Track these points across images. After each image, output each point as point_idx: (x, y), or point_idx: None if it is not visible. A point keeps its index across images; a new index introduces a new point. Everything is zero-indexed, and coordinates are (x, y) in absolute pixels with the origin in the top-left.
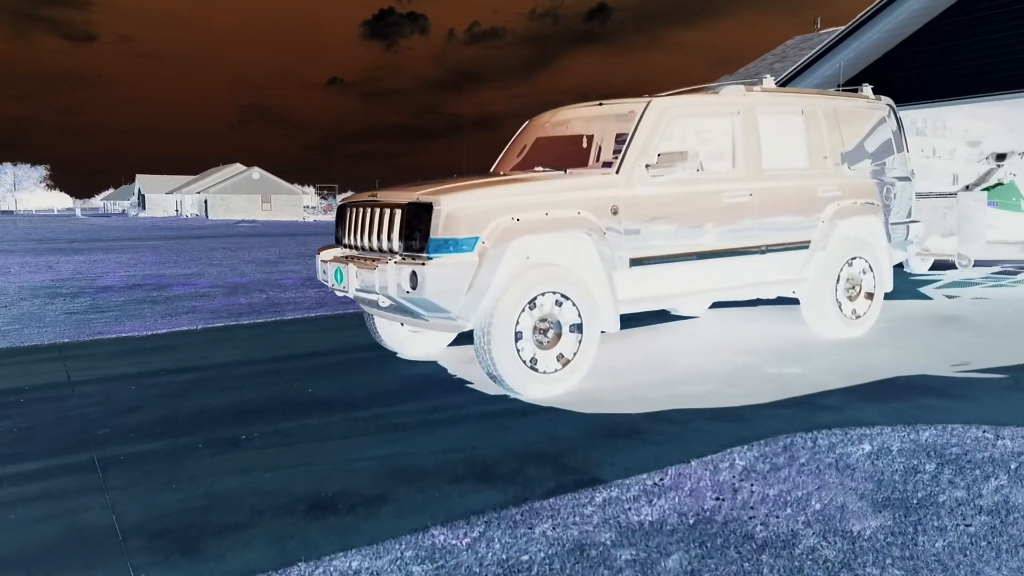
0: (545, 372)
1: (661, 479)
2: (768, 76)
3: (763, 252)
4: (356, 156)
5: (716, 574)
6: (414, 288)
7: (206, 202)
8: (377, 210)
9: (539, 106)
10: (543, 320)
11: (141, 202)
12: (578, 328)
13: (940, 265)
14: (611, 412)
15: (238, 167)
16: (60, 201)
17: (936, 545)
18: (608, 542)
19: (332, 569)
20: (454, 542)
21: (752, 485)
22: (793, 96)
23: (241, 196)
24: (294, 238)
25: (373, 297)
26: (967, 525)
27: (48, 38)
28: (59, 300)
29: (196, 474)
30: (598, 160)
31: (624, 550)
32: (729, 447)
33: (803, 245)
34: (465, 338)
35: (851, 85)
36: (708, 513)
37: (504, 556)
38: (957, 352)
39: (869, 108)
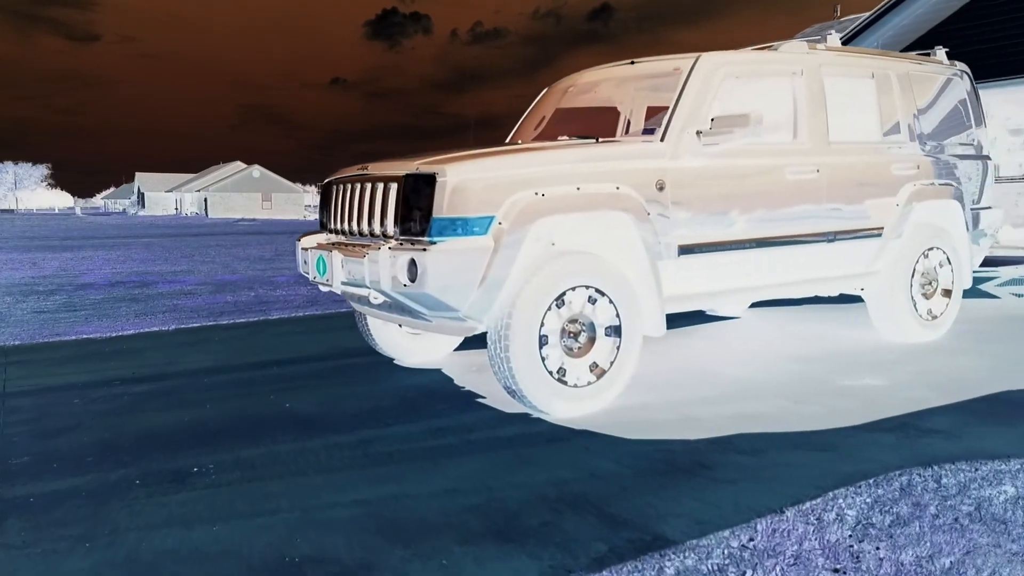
0: (575, 386)
1: (751, 539)
2: (833, 32)
3: (831, 240)
4: (357, 156)
5: None
6: (413, 280)
7: (206, 200)
8: (368, 185)
9: None
10: (573, 321)
11: (140, 200)
12: (615, 331)
13: (989, 261)
14: (663, 438)
15: (238, 165)
16: (61, 200)
17: None
18: None
19: None
20: None
21: (877, 548)
22: (863, 56)
23: (241, 194)
24: (292, 236)
25: (363, 292)
26: None
27: (50, 38)
28: (32, 298)
29: (121, 526)
30: (628, 135)
31: None
32: (829, 489)
33: (875, 233)
34: (474, 341)
35: None
36: None
37: None
38: None
39: (943, 75)
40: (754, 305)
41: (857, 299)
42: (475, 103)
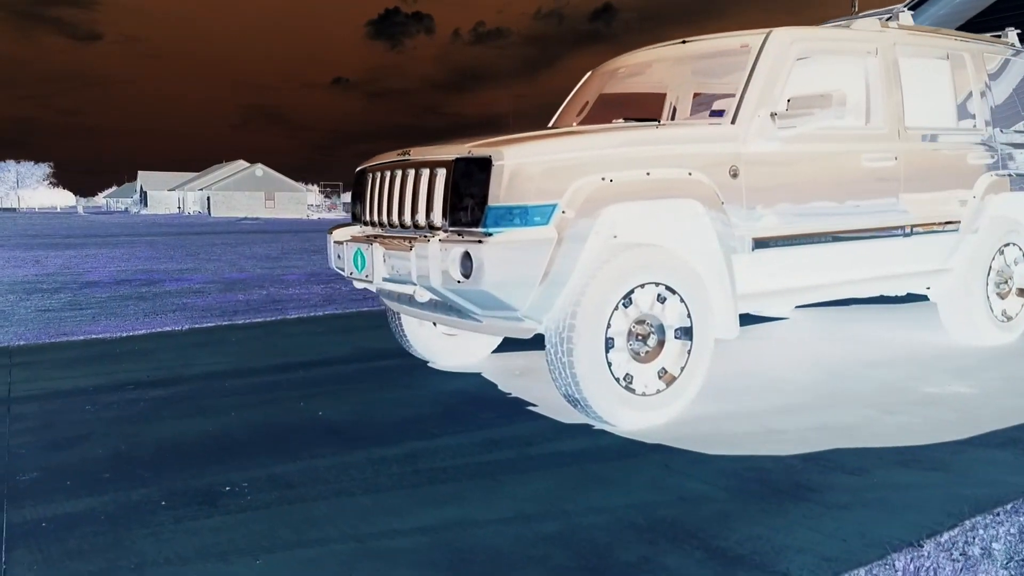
0: (644, 394)
1: None
2: (904, 9)
3: (907, 234)
4: (359, 156)
5: None
6: (467, 276)
7: (209, 199)
8: (411, 172)
9: (541, 107)
10: (640, 323)
11: (143, 199)
12: (686, 333)
13: None
14: (749, 453)
15: (241, 164)
16: (63, 199)
17: None
18: None
19: None
20: None
21: None
22: (937, 36)
23: (244, 193)
24: (297, 234)
25: (407, 290)
26: None
27: (53, 37)
28: (36, 296)
29: (147, 559)
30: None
31: None
32: (963, 517)
33: (952, 227)
34: (513, 342)
35: None
36: None
37: None
38: None
39: (1016, 58)
40: (799, 306)
41: (904, 299)
42: (477, 103)
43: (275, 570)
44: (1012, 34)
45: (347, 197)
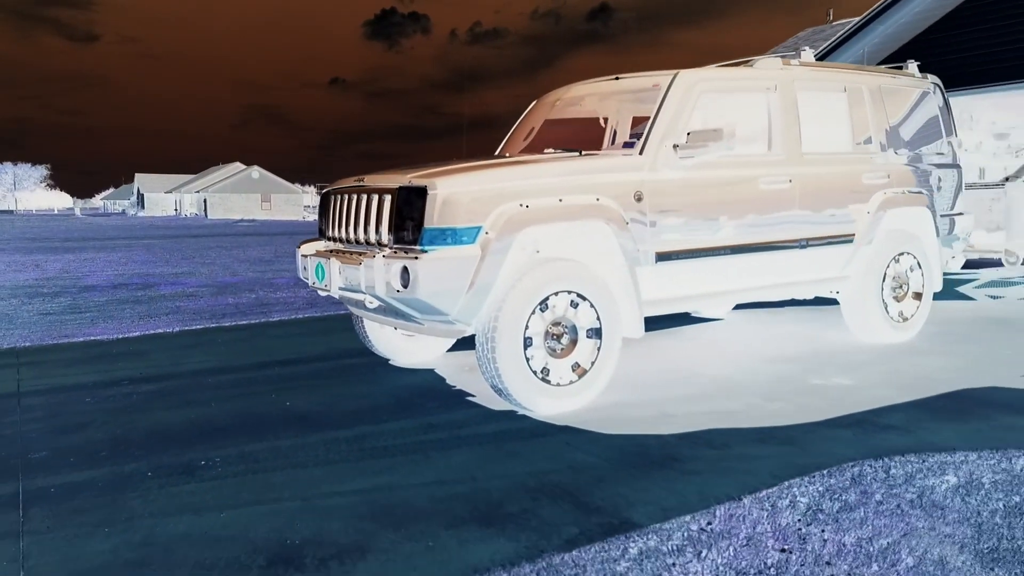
0: (559, 384)
1: (709, 523)
2: (807, 48)
3: (803, 246)
4: (358, 156)
5: None
6: (405, 286)
7: (205, 201)
8: (364, 196)
9: None
10: (556, 324)
11: (140, 201)
12: (596, 333)
13: (971, 263)
14: (638, 433)
15: (238, 166)
16: (60, 201)
17: None
18: None
19: None
20: None
21: (823, 531)
22: (835, 71)
23: (240, 195)
24: (292, 237)
25: (359, 297)
26: None
27: (50, 38)
28: (37, 300)
29: (136, 513)
30: (614, 145)
31: None
32: (786, 479)
33: (847, 239)
34: (466, 343)
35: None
36: (774, 571)
37: None
38: (1022, 360)
39: (915, 87)
40: (738, 307)
41: (835, 301)
42: (475, 103)
43: (236, 521)
44: (912, 66)
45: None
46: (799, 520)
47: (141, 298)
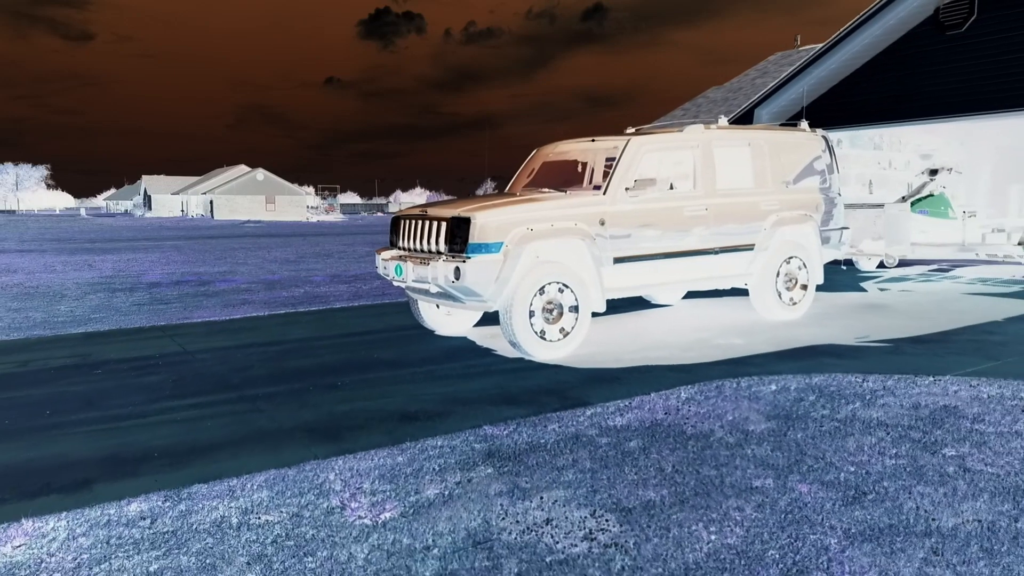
0: (551, 341)
1: (629, 403)
2: (723, 116)
3: (717, 253)
4: (355, 156)
5: (659, 449)
6: (457, 279)
7: (211, 203)
8: (427, 222)
9: (539, 105)
10: (550, 302)
11: (147, 202)
12: (575, 309)
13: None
14: (599, 367)
15: (243, 168)
16: (61, 201)
17: (798, 436)
18: (593, 434)
19: (426, 446)
20: (497, 433)
21: (689, 407)
22: (741, 132)
23: (246, 197)
24: (304, 239)
25: (425, 286)
26: (821, 427)
27: (46, 37)
28: (120, 294)
29: (317, 403)
30: (591, 181)
31: (604, 438)
32: (678, 386)
33: (749, 247)
34: (487, 321)
35: (816, 106)
36: (658, 421)
37: (529, 440)
38: (866, 329)
39: (806, 139)
40: (687, 296)
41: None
42: (473, 103)
43: (373, 404)
44: (804, 123)
45: (345, 199)
46: (678, 403)
47: (207, 292)
